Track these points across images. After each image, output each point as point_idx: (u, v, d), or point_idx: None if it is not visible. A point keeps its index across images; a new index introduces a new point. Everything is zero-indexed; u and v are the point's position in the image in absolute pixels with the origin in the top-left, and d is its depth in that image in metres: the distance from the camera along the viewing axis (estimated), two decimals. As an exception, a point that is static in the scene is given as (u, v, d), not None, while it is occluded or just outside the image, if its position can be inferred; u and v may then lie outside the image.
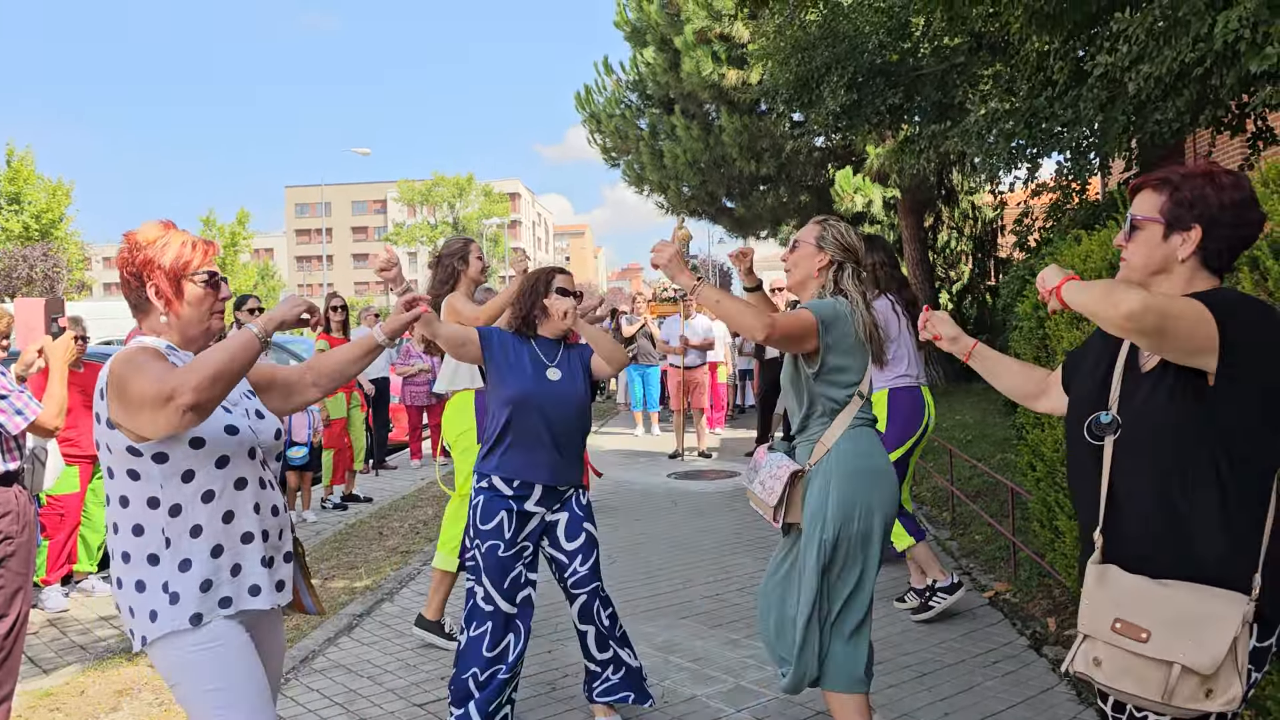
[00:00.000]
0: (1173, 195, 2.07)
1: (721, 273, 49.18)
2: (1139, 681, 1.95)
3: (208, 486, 2.32)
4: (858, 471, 3.11)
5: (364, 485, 9.60)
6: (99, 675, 4.54)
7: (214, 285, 2.42)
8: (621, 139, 17.14)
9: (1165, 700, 1.91)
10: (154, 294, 2.34)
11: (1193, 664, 1.88)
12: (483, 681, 3.56)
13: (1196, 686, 1.89)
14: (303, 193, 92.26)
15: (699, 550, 6.72)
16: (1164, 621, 1.93)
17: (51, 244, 30.26)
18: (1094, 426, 2.12)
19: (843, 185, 14.95)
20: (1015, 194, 8.45)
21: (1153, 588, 1.97)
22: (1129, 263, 2.14)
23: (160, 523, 2.28)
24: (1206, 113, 5.75)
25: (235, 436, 2.36)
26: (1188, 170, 2.10)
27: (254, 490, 2.41)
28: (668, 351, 11.63)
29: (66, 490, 5.77)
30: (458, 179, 65.19)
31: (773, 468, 3.22)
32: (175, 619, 2.27)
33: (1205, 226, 2.03)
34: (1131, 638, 1.95)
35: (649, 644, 4.78)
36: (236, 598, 2.36)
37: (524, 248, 31.44)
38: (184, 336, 2.40)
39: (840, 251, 3.28)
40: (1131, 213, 2.14)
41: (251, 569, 2.39)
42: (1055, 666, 4.29)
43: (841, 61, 8.37)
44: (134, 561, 2.30)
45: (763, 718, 3.88)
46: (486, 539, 3.60)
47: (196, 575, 2.30)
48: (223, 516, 2.34)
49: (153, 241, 2.35)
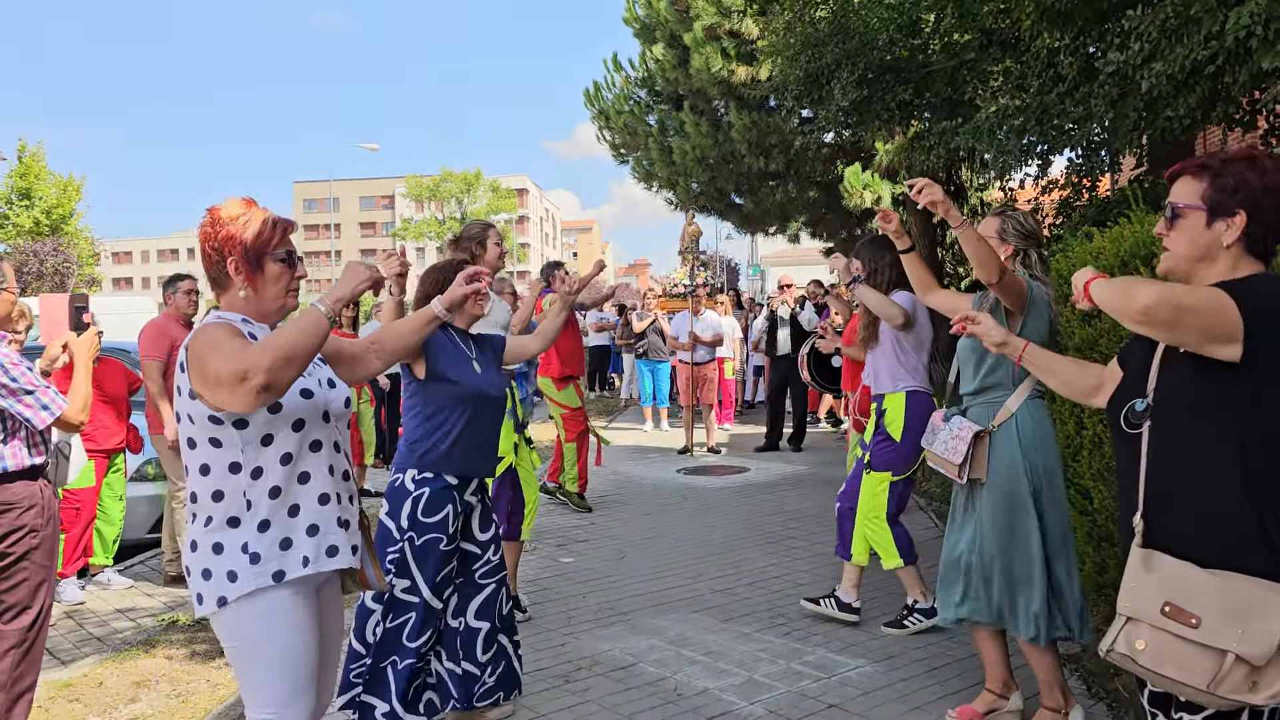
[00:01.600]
0: (1215, 181, 2.04)
1: (729, 268, 49.13)
2: (1183, 668, 1.90)
3: (286, 449, 2.40)
4: (1045, 437, 3.52)
5: (375, 479, 9.65)
6: (116, 667, 4.59)
7: (291, 263, 2.48)
8: (630, 135, 17.12)
9: (1211, 689, 1.87)
10: (234, 269, 2.41)
11: (1245, 654, 1.85)
12: (401, 671, 3.50)
13: (1244, 678, 1.86)
14: (311, 188, 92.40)
15: (709, 545, 6.75)
16: (1214, 609, 1.89)
17: (62, 239, 30.34)
18: (1130, 414, 2.11)
19: (852, 181, 14.92)
20: (1025, 190, 8.45)
21: (1201, 574, 1.94)
22: (1172, 251, 2.11)
23: (242, 486, 2.37)
24: (1218, 109, 5.73)
25: (310, 400, 2.44)
26: (1229, 155, 2.07)
27: (329, 453, 2.50)
28: (677, 347, 11.66)
29: (82, 484, 5.82)
30: (466, 174, 65.23)
31: (954, 429, 3.58)
32: (259, 577, 2.35)
33: (1250, 211, 2.00)
34: (1181, 623, 1.91)
35: (661, 637, 4.81)
36: (315, 558, 2.44)
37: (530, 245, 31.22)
38: (260, 312, 2.47)
39: (1022, 240, 3.68)
40: (1171, 200, 2.10)
41: (329, 529, 2.48)
42: (1066, 662, 4.30)
43: (852, 58, 8.36)
44: (213, 525, 2.37)
45: (776, 710, 3.91)
46: (428, 531, 3.53)
47: (276, 535, 2.39)
48: (299, 478, 2.43)
49: (235, 218, 2.41)
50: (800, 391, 11.40)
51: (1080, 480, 4.52)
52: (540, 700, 4.06)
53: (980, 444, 3.53)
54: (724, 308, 12.90)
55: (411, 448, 3.64)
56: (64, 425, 3.54)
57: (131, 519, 6.51)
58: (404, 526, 3.55)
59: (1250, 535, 1.94)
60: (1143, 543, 2.04)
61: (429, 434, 3.61)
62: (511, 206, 69.25)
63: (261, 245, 2.41)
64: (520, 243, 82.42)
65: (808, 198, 16.76)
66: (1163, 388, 2.07)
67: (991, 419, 3.56)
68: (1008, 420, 3.53)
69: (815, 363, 9.24)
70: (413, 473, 3.59)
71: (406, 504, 3.56)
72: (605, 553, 6.59)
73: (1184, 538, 2.00)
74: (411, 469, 3.60)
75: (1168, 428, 2.05)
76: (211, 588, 2.37)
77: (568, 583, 5.83)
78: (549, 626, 5.02)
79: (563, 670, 4.41)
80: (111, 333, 7.99)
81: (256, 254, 2.41)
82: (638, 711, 3.93)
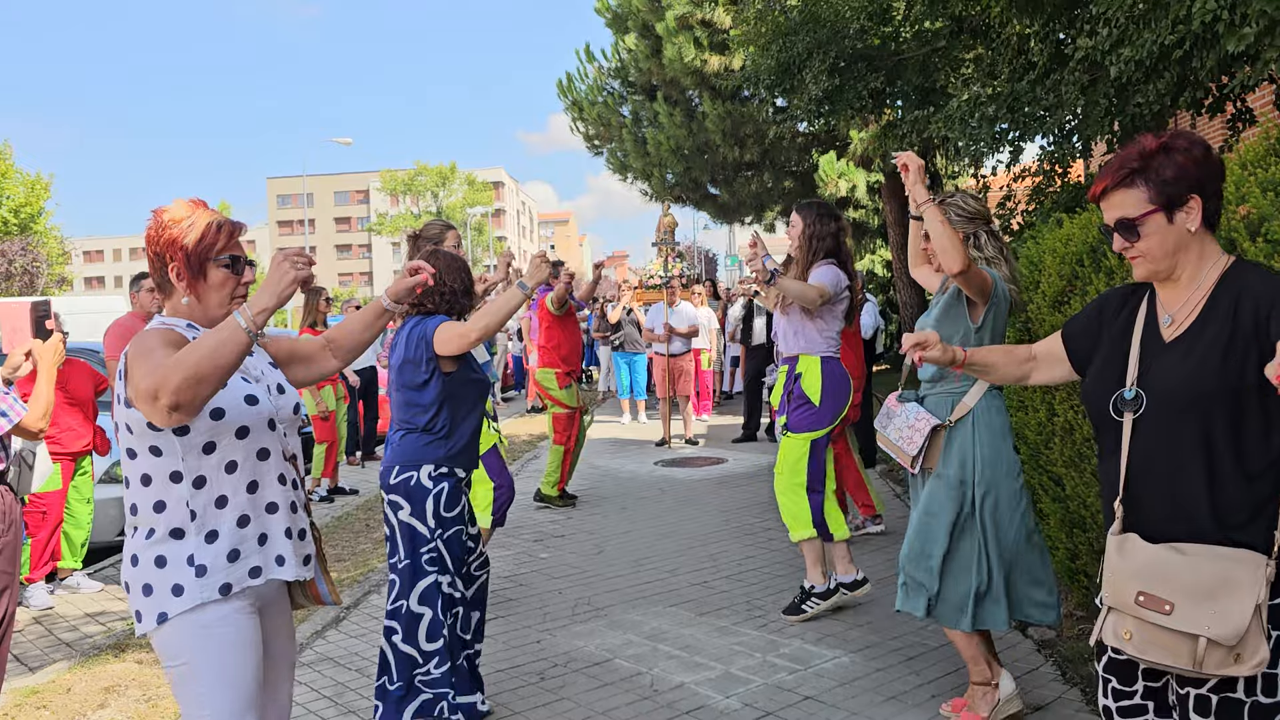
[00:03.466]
0: (1151, 180, 2.06)
1: (707, 259, 49.17)
2: (1168, 652, 1.99)
3: (230, 457, 2.32)
4: (1002, 430, 3.52)
5: (350, 477, 9.58)
6: (85, 673, 4.53)
7: (237, 269, 2.39)
8: (604, 126, 17.06)
9: (1197, 668, 1.96)
10: (175, 275, 2.33)
11: (1217, 636, 1.91)
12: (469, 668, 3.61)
13: (1226, 654, 1.93)
14: (284, 184, 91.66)
15: (686, 537, 6.73)
16: (1185, 592, 1.96)
17: (30, 238, 29.96)
18: (1118, 402, 2.15)
19: (826, 170, 14.93)
20: (998, 177, 8.46)
21: (1171, 556, 2.00)
22: (1146, 256, 2.11)
23: (185, 495, 2.28)
24: (1186, 95, 5.75)
25: (255, 407, 2.36)
26: (1141, 152, 2.08)
27: (277, 461, 2.42)
28: (652, 339, 11.63)
29: (49, 488, 5.73)
30: (441, 168, 64.92)
31: (910, 417, 3.56)
32: (204, 590, 2.27)
33: (1200, 192, 2.05)
34: (1156, 610, 1.99)
35: (636, 632, 4.79)
36: (265, 567, 2.37)
37: (507, 238, 31.20)
38: (206, 318, 2.39)
39: (968, 223, 3.64)
40: (1122, 217, 2.11)
41: (277, 539, 2.41)
42: (1040, 648, 4.32)
43: (823, 47, 8.34)
44: (156, 538, 2.29)
45: (752, 704, 3.89)
46: (452, 525, 3.56)
47: (224, 545, 2.31)
48: (248, 486, 2.35)
49: (179, 220, 2.33)
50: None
51: (1052, 467, 4.53)
52: (515, 697, 4.03)
53: (937, 437, 3.54)
54: (700, 298, 12.88)
55: (422, 442, 3.59)
56: (23, 432, 3.47)
57: (100, 522, 6.42)
58: (433, 525, 3.55)
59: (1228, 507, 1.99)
60: (1121, 528, 2.11)
61: (445, 429, 3.60)
62: (487, 200, 69.00)
63: (204, 250, 2.33)
64: (497, 236, 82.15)
65: (783, 187, 16.76)
66: (1149, 371, 2.11)
67: (949, 412, 3.55)
68: (965, 416, 3.52)
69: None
70: (429, 469, 3.56)
71: (429, 501, 3.55)
72: (582, 547, 6.57)
73: (1161, 520, 2.06)
74: (427, 465, 3.57)
75: (1156, 416, 2.09)
76: (152, 604, 2.28)
77: (544, 578, 5.80)
78: (525, 623, 4.99)
79: (538, 667, 4.38)
80: (81, 333, 7.87)
81: (199, 259, 2.33)
82: (613, 708, 3.91)
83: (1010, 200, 7.91)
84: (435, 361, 3.56)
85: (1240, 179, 2.94)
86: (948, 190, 4.78)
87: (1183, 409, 2.05)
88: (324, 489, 8.74)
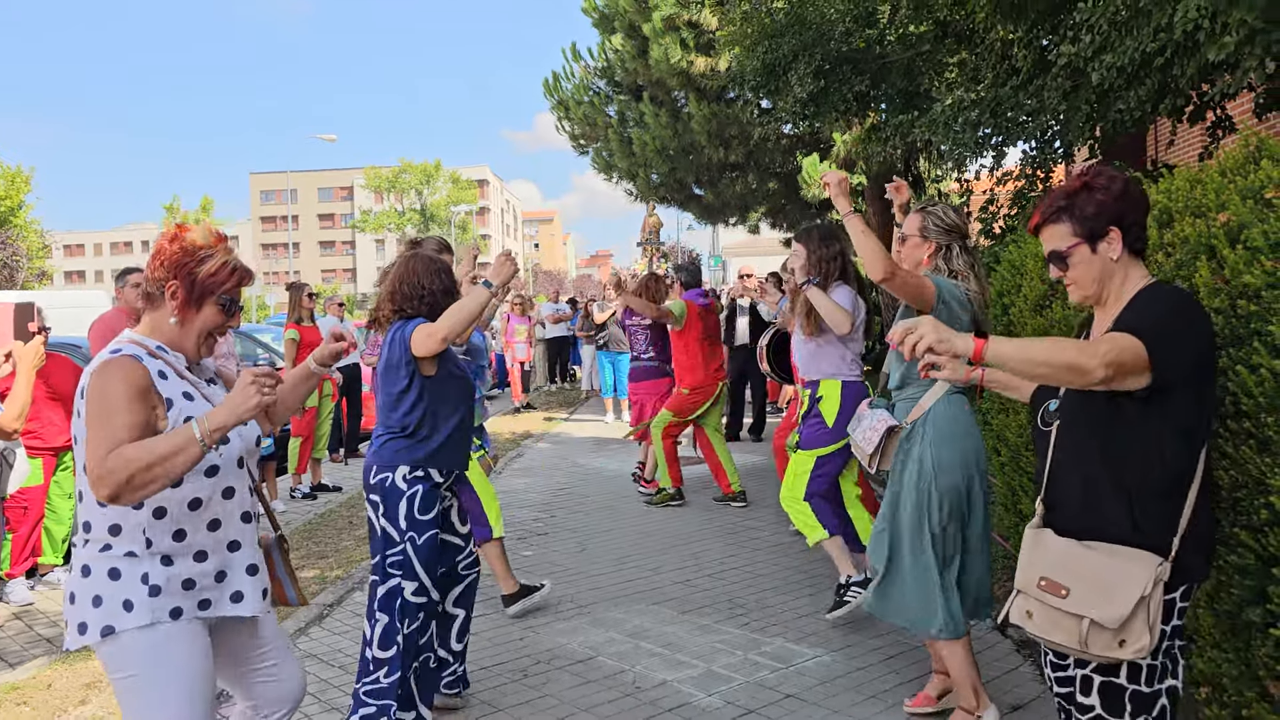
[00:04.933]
0: (1075, 216, 2.32)
1: (690, 258, 49.20)
2: (1061, 632, 2.23)
3: (195, 495, 2.31)
4: (953, 435, 3.50)
5: (334, 474, 9.56)
6: (66, 669, 4.51)
7: (230, 312, 2.41)
8: (590, 126, 17.06)
9: (1083, 648, 2.19)
10: (171, 294, 2.33)
11: (1100, 619, 2.15)
12: (421, 676, 3.55)
13: (1110, 637, 2.15)
14: (268, 179, 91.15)
15: (669, 536, 6.76)
16: (1083, 580, 2.20)
17: (10, 231, 29.70)
18: (1045, 414, 2.43)
19: (810, 172, 14.97)
20: (981, 181, 8.52)
21: (1077, 549, 2.25)
22: (1077, 284, 2.37)
23: (142, 523, 2.27)
24: (1167, 102, 5.82)
25: (225, 446, 2.36)
26: (1066, 191, 2.36)
27: (242, 498, 2.42)
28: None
29: (30, 483, 5.70)
30: (425, 165, 64.72)
31: (873, 420, 3.66)
32: (154, 611, 2.24)
33: (1119, 224, 2.29)
34: (1053, 594, 2.24)
35: (619, 630, 4.81)
36: (217, 602, 2.36)
37: (491, 237, 31.14)
38: (180, 344, 2.39)
39: (944, 235, 3.65)
40: (1053, 249, 2.37)
41: (236, 575, 2.40)
42: (1020, 648, 4.37)
43: (809, 49, 8.38)
44: (111, 552, 2.27)
45: (734, 701, 3.92)
46: (426, 529, 3.54)
47: (180, 573, 2.29)
48: (209, 525, 2.34)
49: (199, 248, 2.34)
50: (759, 382, 11.42)
51: (1032, 469, 4.57)
52: (498, 694, 4.05)
53: (893, 437, 3.61)
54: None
55: (400, 444, 3.58)
56: None
57: (82, 517, 6.37)
58: (404, 528, 3.52)
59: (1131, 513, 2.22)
60: (1040, 524, 2.37)
61: (425, 431, 3.58)
62: (472, 198, 68.83)
63: (212, 286, 2.35)
64: (481, 234, 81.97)
65: (767, 189, 16.82)
66: (1065, 394, 2.36)
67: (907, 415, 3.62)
68: (920, 417, 3.54)
69: (774, 353, 9.26)
70: (404, 471, 3.55)
71: (402, 504, 3.52)
72: (565, 545, 6.58)
73: (1073, 519, 2.31)
74: (403, 467, 3.55)
75: (1069, 425, 2.36)
76: (99, 616, 2.24)
77: (527, 576, 5.79)
78: (507, 620, 5.00)
79: (521, 664, 4.40)
80: (62, 328, 7.83)
81: (203, 291, 2.34)
82: (596, 704, 3.93)
83: (993, 204, 7.97)
84: (414, 364, 3.55)
85: (1220, 186, 2.98)
86: (929, 199, 4.82)
87: (1080, 421, 2.32)
88: (306, 486, 8.71)
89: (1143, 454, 2.21)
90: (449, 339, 3.49)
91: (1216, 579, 2.75)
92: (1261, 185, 2.72)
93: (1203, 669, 2.89)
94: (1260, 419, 2.53)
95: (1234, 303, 2.66)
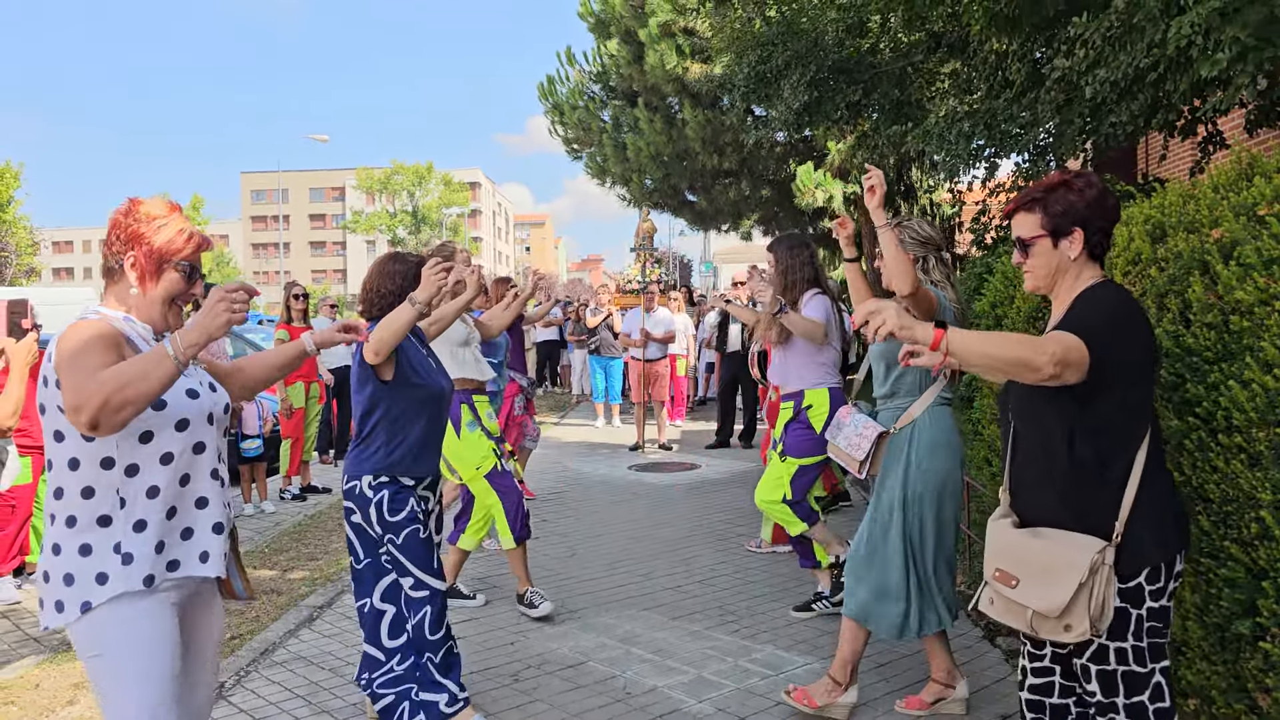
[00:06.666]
0: (1046, 210, 2.42)
1: (682, 264, 49.26)
2: (1015, 618, 2.39)
3: (167, 448, 2.32)
4: (937, 444, 3.62)
5: (324, 476, 9.54)
6: (54, 668, 4.49)
7: (190, 278, 2.42)
8: (584, 131, 17.06)
9: (1034, 632, 2.36)
10: (131, 265, 2.35)
11: (1040, 608, 2.31)
12: (441, 663, 3.57)
13: (1055, 622, 2.31)
14: (259, 179, 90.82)
15: (660, 542, 6.76)
16: (1030, 570, 2.36)
17: (-1, 227, 29.53)
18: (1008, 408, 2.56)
19: (804, 180, 14.99)
20: (973, 192, 8.56)
21: (1026, 540, 2.39)
22: (1033, 273, 2.49)
23: (115, 483, 2.28)
24: (1159, 117, 5.85)
25: (195, 401, 2.38)
26: (1047, 184, 2.46)
27: (211, 456, 2.43)
28: (629, 344, 11.66)
29: (19, 482, 5.67)
30: (417, 167, 64.64)
31: (859, 427, 3.71)
32: (129, 580, 2.26)
33: (1083, 226, 2.40)
34: (1004, 584, 2.41)
35: (610, 635, 4.81)
36: (185, 561, 2.37)
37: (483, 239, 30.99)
38: (145, 314, 2.40)
39: (920, 247, 3.76)
40: (1018, 235, 2.48)
41: (203, 534, 2.41)
42: (1009, 657, 4.39)
43: (802, 59, 8.41)
44: (80, 525, 2.28)
45: (724, 709, 3.93)
46: (404, 527, 3.55)
47: (151, 536, 2.30)
48: (180, 479, 2.36)
49: (153, 217, 2.35)
50: (751, 388, 11.45)
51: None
52: (488, 699, 4.05)
53: (883, 443, 3.68)
54: (677, 304, 12.93)
55: (367, 452, 3.58)
56: None
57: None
58: (380, 532, 3.55)
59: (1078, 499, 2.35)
60: (1002, 514, 2.51)
61: (389, 438, 3.58)
62: (464, 200, 68.77)
63: (169, 252, 2.36)
64: (472, 236, 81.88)
65: (760, 196, 16.83)
66: (1018, 388, 2.45)
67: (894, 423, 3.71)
68: (908, 425, 3.67)
69: (765, 360, 9.28)
70: (368, 479, 3.56)
71: (371, 510, 3.55)
72: (555, 550, 6.58)
73: (1027, 508, 2.47)
74: (367, 475, 3.56)
75: (1021, 420, 2.49)
76: (75, 593, 2.25)
77: (517, 581, 5.80)
78: (498, 625, 5.01)
79: (512, 669, 4.40)
80: (50, 325, 7.78)
81: (160, 259, 2.35)
82: (586, 710, 3.93)
83: (985, 215, 8.01)
84: (371, 371, 3.57)
85: (1213, 202, 3.01)
86: (904, 215, 4.90)
87: (1028, 414, 2.46)
88: (295, 487, 8.70)
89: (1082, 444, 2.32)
90: (380, 353, 3.48)
91: (1205, 591, 2.78)
92: (1254, 202, 2.75)
93: (1191, 681, 2.91)
94: (1251, 434, 2.56)
95: (1226, 318, 2.69)
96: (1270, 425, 2.49)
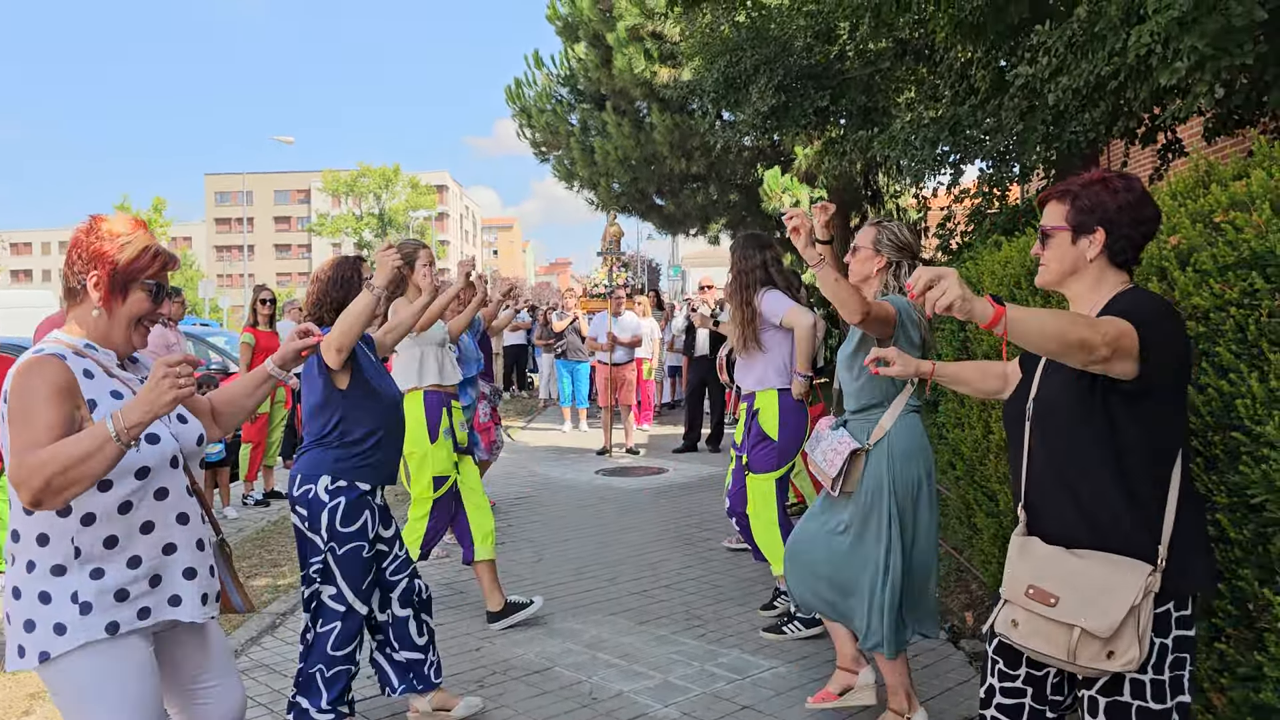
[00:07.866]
0: (1074, 203, 2.28)
1: (650, 268, 49.32)
2: (1047, 641, 2.16)
3: (125, 498, 2.23)
4: (910, 452, 3.55)
5: (286, 481, 9.44)
6: (8, 678, 4.40)
7: (157, 298, 2.34)
8: (552, 134, 17.05)
9: (1070, 659, 2.12)
10: (94, 284, 2.25)
11: (1092, 628, 2.08)
12: (329, 678, 3.52)
13: (1099, 648, 2.09)
14: (223, 180, 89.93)
15: (627, 546, 6.75)
16: (1073, 588, 2.13)
17: (-45, 229, 29.03)
18: (1024, 416, 2.34)
19: (771, 185, 15.08)
20: (939, 198, 8.64)
21: (1066, 558, 2.18)
22: (1046, 267, 2.35)
23: (70, 531, 2.19)
24: (1120, 124, 5.94)
25: (156, 446, 2.28)
26: (1086, 179, 2.31)
27: (177, 499, 2.34)
28: (595, 348, 11.65)
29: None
30: (384, 170, 64.27)
31: (834, 442, 3.63)
32: (88, 630, 2.18)
33: (1107, 228, 2.24)
34: (1041, 602, 2.17)
35: (576, 640, 4.79)
36: (156, 609, 2.30)
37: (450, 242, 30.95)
38: (108, 337, 2.32)
39: (896, 252, 3.68)
40: (1042, 224, 2.35)
41: (173, 579, 2.33)
42: (972, 660, 4.42)
43: (770, 64, 8.46)
44: (37, 572, 2.20)
45: (690, 713, 3.92)
46: (349, 541, 3.50)
47: (111, 584, 2.22)
48: (141, 527, 2.27)
49: (116, 235, 2.27)
50: (718, 392, 11.48)
51: (987, 483, 4.64)
52: (453, 706, 4.01)
53: (856, 461, 3.59)
54: (643, 308, 12.94)
55: (319, 455, 3.54)
56: None
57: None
58: (325, 539, 3.49)
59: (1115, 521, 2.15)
60: (1025, 531, 2.30)
61: (348, 444, 3.53)
62: (431, 203, 68.43)
63: (134, 271, 2.27)
64: (439, 240, 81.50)
65: (728, 200, 16.90)
66: (1043, 390, 2.30)
67: (868, 436, 3.60)
68: (881, 438, 3.57)
69: (734, 364, 9.31)
70: (325, 481, 3.50)
71: (324, 515, 3.48)
72: (522, 555, 6.55)
73: (1057, 525, 2.24)
74: (324, 477, 3.51)
75: (1046, 427, 2.28)
76: (34, 641, 2.19)
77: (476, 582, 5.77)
78: (464, 630, 4.97)
79: (477, 674, 4.37)
80: (7, 328, 7.64)
81: (125, 278, 2.27)
82: (552, 716, 3.91)
83: (950, 221, 8.08)
84: (326, 374, 3.52)
85: (1171, 209, 3.05)
86: (885, 215, 4.90)
87: (1054, 419, 2.26)
88: (258, 493, 8.60)
89: (1127, 459, 2.15)
90: (343, 348, 3.42)
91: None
92: (1211, 209, 2.78)
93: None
94: (1208, 437, 2.59)
95: (1184, 324, 2.72)
96: (1225, 429, 2.52)
